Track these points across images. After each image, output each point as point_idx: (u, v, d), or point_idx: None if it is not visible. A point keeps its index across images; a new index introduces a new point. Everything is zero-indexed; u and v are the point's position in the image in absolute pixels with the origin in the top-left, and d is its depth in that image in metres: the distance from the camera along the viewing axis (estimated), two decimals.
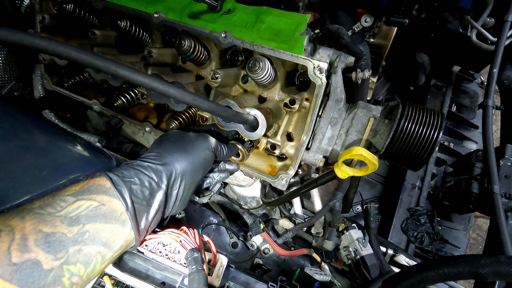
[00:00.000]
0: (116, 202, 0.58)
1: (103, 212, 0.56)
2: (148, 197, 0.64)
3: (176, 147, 0.73)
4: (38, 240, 0.47)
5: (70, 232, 0.51)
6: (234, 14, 0.92)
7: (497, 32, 1.20)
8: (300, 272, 1.08)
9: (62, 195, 0.55)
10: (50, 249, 0.48)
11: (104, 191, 0.58)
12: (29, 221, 0.49)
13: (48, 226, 0.49)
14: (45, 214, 0.50)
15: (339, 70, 0.86)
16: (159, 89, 0.57)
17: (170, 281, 0.86)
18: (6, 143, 0.71)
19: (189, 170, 0.72)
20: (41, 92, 1.18)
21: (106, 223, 0.56)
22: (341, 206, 1.14)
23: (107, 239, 0.56)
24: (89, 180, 0.59)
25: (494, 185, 0.93)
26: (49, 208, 0.52)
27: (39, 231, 0.48)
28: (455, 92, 1.91)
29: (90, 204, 0.55)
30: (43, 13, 1.06)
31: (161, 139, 0.77)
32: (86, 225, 0.53)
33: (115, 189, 0.59)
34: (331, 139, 0.88)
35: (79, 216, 0.53)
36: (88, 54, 0.50)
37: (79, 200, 0.55)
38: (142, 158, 0.70)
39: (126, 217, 0.59)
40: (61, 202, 0.53)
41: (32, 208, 0.51)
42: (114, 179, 0.61)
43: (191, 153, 0.74)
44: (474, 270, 0.50)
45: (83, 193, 0.56)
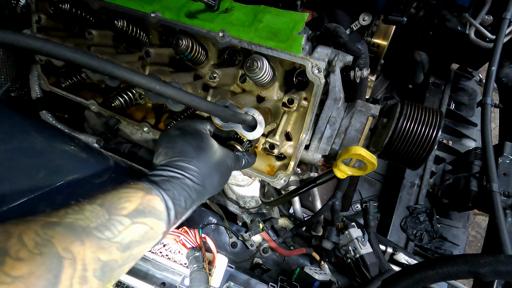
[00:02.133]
0: (162, 225, 0.60)
1: (149, 236, 0.58)
2: (184, 215, 0.67)
3: (214, 167, 0.71)
4: (96, 271, 0.49)
5: (121, 258, 0.53)
6: (231, 13, 0.91)
7: (495, 29, 1.20)
8: (299, 272, 1.08)
9: (118, 214, 0.54)
10: (103, 277, 0.50)
11: (157, 215, 0.59)
12: (89, 248, 0.49)
13: (105, 254, 0.50)
14: (103, 239, 0.51)
15: (338, 69, 0.85)
16: (156, 89, 0.57)
17: (170, 281, 0.86)
18: (3, 145, 0.71)
19: (217, 191, 0.75)
20: (38, 93, 1.17)
21: (147, 244, 0.58)
22: (340, 205, 1.14)
23: (140, 255, 0.58)
24: (143, 197, 0.58)
25: (493, 183, 0.93)
26: (107, 232, 0.52)
27: (98, 260, 0.49)
28: (454, 90, 1.91)
29: (142, 229, 0.56)
30: (39, 13, 1.05)
31: (198, 146, 0.71)
32: (133, 249, 0.55)
33: (167, 215, 0.60)
34: (330, 138, 0.88)
35: (132, 242, 0.54)
36: (84, 55, 0.50)
37: (134, 224, 0.55)
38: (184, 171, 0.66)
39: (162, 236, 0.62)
40: (118, 225, 0.53)
41: (90, 229, 0.50)
42: (167, 201, 0.61)
43: (223, 175, 0.75)
44: (473, 270, 0.50)
45: (138, 215, 0.56)
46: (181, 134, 0.74)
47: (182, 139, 0.72)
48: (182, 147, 0.70)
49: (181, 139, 0.72)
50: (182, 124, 0.78)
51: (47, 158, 0.76)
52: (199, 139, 0.73)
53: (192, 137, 0.73)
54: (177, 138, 0.73)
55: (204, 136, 0.75)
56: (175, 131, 0.75)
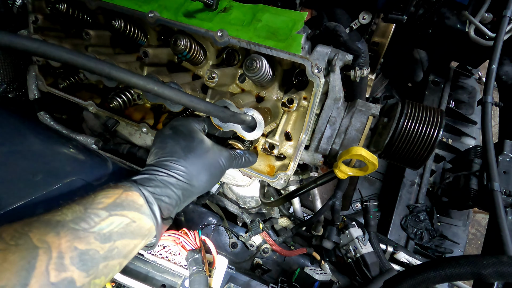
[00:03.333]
0: (146, 220, 0.60)
1: (132, 229, 0.58)
2: (172, 213, 0.67)
3: (202, 165, 0.71)
4: (73, 258, 0.49)
5: (102, 249, 0.53)
6: (230, 12, 0.91)
7: (495, 27, 1.19)
8: (300, 272, 1.08)
9: (95, 208, 0.55)
10: (84, 267, 0.50)
11: (136, 208, 0.59)
12: (64, 238, 0.50)
13: (83, 243, 0.51)
14: (79, 230, 0.51)
15: (337, 68, 0.85)
16: (155, 90, 0.56)
17: (170, 283, 0.85)
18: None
19: (204, 190, 0.75)
20: (35, 94, 1.16)
21: (133, 238, 0.58)
22: (340, 204, 1.13)
23: (128, 252, 0.58)
24: (122, 192, 0.60)
25: (494, 182, 0.92)
26: (83, 223, 0.52)
27: (75, 248, 0.50)
28: (453, 88, 1.90)
29: (122, 221, 0.57)
30: (36, 13, 1.04)
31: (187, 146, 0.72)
32: (116, 242, 0.55)
33: (148, 207, 0.61)
34: (330, 138, 0.87)
35: (111, 233, 0.55)
36: (80, 56, 0.49)
37: (112, 216, 0.56)
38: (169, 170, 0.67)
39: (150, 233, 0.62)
40: (94, 217, 0.54)
41: (65, 222, 0.51)
42: (147, 195, 0.62)
43: (214, 175, 0.74)
44: (476, 271, 0.50)
45: (116, 208, 0.57)
46: (172, 134, 0.75)
47: (172, 139, 0.73)
48: (172, 147, 0.71)
49: (172, 139, 0.73)
50: (176, 123, 0.79)
51: (45, 161, 0.75)
52: (190, 139, 0.74)
53: (183, 137, 0.74)
54: (168, 138, 0.74)
55: (195, 136, 0.76)
56: (168, 130, 0.76)
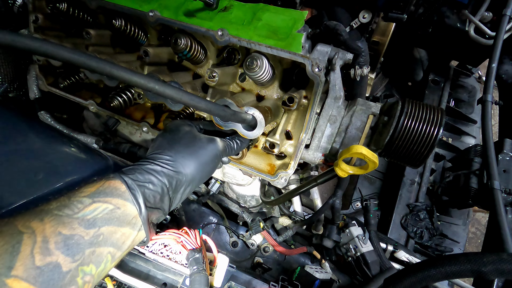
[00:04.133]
0: (130, 207, 0.60)
1: (117, 216, 0.58)
2: (159, 202, 0.66)
3: (188, 153, 0.72)
4: (58, 243, 0.49)
5: (87, 234, 0.53)
6: (230, 11, 0.91)
7: (495, 26, 1.19)
8: (300, 271, 1.08)
9: (78, 196, 0.56)
10: (69, 251, 0.50)
11: (119, 195, 0.59)
12: (48, 223, 0.50)
13: (66, 228, 0.51)
14: (63, 216, 0.52)
15: (338, 67, 0.85)
16: (155, 89, 0.56)
17: (171, 282, 0.86)
18: (0, 147, 0.70)
19: (198, 178, 0.74)
20: (36, 93, 1.17)
21: (119, 226, 0.58)
22: (340, 203, 1.14)
23: (117, 241, 0.58)
24: (104, 182, 0.60)
25: (494, 181, 0.92)
26: (66, 210, 0.53)
27: (59, 233, 0.50)
28: (453, 87, 1.90)
29: (106, 207, 0.57)
30: (36, 12, 1.04)
31: (172, 137, 0.75)
32: (101, 228, 0.55)
33: (130, 193, 0.60)
34: (330, 137, 0.87)
35: (95, 218, 0.55)
36: (81, 55, 0.49)
37: (95, 202, 0.56)
38: (154, 160, 0.68)
39: (137, 221, 0.61)
40: (78, 204, 0.55)
41: (49, 209, 0.52)
42: (129, 183, 0.62)
43: (203, 161, 0.74)
44: (476, 268, 0.50)
45: (99, 195, 0.57)
46: (162, 132, 0.78)
47: (161, 136, 0.76)
48: (159, 143, 0.74)
49: (160, 136, 0.76)
50: (169, 124, 0.81)
51: (46, 160, 0.75)
52: (176, 132, 0.76)
53: (169, 132, 0.76)
54: (158, 136, 0.77)
55: (182, 129, 0.77)
56: (160, 131, 0.80)
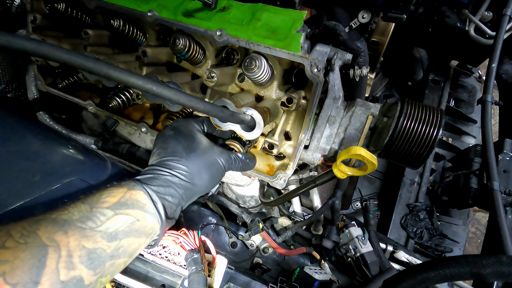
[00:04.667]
0: (150, 218, 0.61)
1: (137, 228, 0.59)
2: (174, 213, 0.68)
3: (204, 165, 0.72)
4: (82, 257, 0.50)
5: (109, 247, 0.54)
6: (229, 11, 0.90)
7: (495, 26, 1.19)
8: (299, 272, 1.08)
9: (100, 207, 0.56)
10: (92, 265, 0.51)
11: (140, 207, 0.60)
12: (72, 236, 0.51)
13: (90, 242, 0.52)
14: (86, 229, 0.52)
15: (337, 67, 0.85)
16: (153, 90, 0.56)
17: (170, 283, 0.85)
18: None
19: (205, 190, 0.75)
20: (35, 94, 1.16)
21: (137, 237, 0.59)
22: (340, 204, 1.13)
23: (133, 251, 0.60)
24: (126, 191, 0.60)
25: (493, 182, 0.92)
26: (89, 222, 0.53)
27: (83, 247, 0.51)
28: (453, 86, 1.90)
29: (127, 220, 0.58)
30: (34, 13, 1.04)
31: (189, 146, 0.73)
32: (122, 241, 0.56)
33: (153, 207, 0.61)
34: (330, 138, 0.87)
35: (117, 232, 0.56)
36: (79, 56, 0.49)
37: (117, 215, 0.57)
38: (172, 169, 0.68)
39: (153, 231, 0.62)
40: (100, 216, 0.55)
41: (72, 221, 0.52)
42: (152, 195, 0.62)
43: (214, 174, 0.75)
44: (475, 271, 0.50)
45: (121, 207, 0.58)
46: (174, 134, 0.76)
47: (174, 139, 0.74)
48: (174, 147, 0.72)
49: (174, 139, 0.74)
50: (177, 124, 0.80)
51: (43, 161, 0.75)
52: (191, 139, 0.75)
53: (184, 137, 0.75)
54: (170, 138, 0.75)
55: (195, 136, 0.77)
56: (169, 131, 0.77)
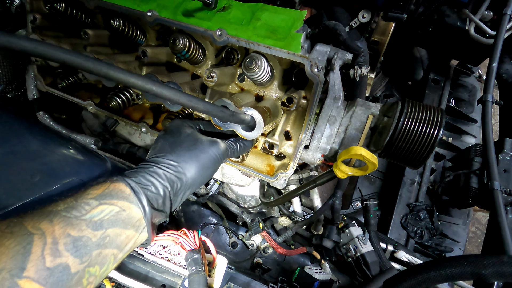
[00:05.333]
0: (135, 209, 0.61)
1: (123, 218, 0.59)
2: (161, 204, 0.67)
3: (190, 156, 0.73)
4: (67, 244, 0.50)
5: (94, 236, 0.54)
6: (229, 11, 0.90)
7: (495, 25, 1.18)
8: (300, 272, 1.08)
9: (84, 198, 0.57)
10: (78, 253, 0.51)
11: (124, 197, 0.60)
12: (57, 225, 0.51)
13: (75, 230, 0.52)
14: (71, 218, 0.53)
15: (337, 67, 0.84)
16: (153, 90, 0.56)
17: (170, 283, 0.85)
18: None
19: (198, 181, 0.75)
20: (34, 94, 1.16)
21: (124, 228, 0.59)
22: (340, 204, 1.13)
23: (121, 243, 0.59)
24: (109, 184, 0.61)
25: (494, 181, 0.92)
26: (74, 211, 0.54)
27: (68, 235, 0.51)
28: (454, 86, 1.90)
29: (112, 209, 0.58)
30: (34, 12, 1.04)
31: (174, 140, 0.75)
32: (108, 230, 0.56)
33: (135, 196, 0.61)
34: (330, 138, 0.87)
35: (102, 220, 0.56)
36: (78, 56, 0.48)
37: (102, 204, 0.57)
38: (156, 163, 0.69)
39: (140, 223, 0.62)
40: (85, 206, 0.56)
41: (58, 211, 0.53)
42: (133, 185, 0.63)
43: (204, 165, 0.75)
44: (476, 271, 0.49)
45: (105, 197, 0.58)
46: (163, 133, 0.78)
47: (163, 138, 0.76)
48: (161, 145, 0.74)
49: (162, 138, 0.76)
50: (169, 125, 0.81)
51: (43, 161, 0.75)
52: (177, 135, 0.76)
53: (171, 135, 0.76)
54: (159, 138, 0.77)
55: (182, 131, 0.78)
56: (161, 132, 0.79)
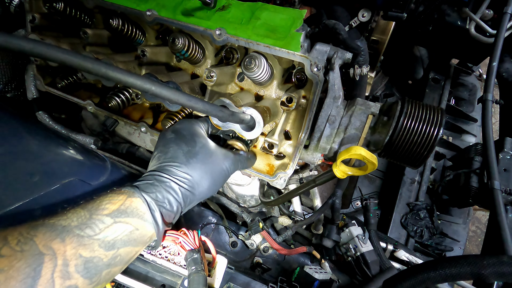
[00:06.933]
0: (148, 227, 0.60)
1: (135, 237, 0.58)
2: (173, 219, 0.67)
3: (205, 171, 0.70)
4: (78, 266, 0.50)
5: (106, 256, 0.53)
6: (228, 10, 0.90)
7: (496, 24, 1.18)
8: (299, 271, 1.08)
9: (99, 213, 0.56)
10: (88, 274, 0.51)
11: (140, 216, 0.59)
12: (69, 244, 0.50)
13: (87, 250, 0.51)
14: (84, 237, 0.52)
15: (337, 66, 0.84)
16: (152, 90, 0.56)
17: (170, 283, 0.85)
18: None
19: (208, 194, 0.74)
20: (34, 93, 1.16)
21: (135, 246, 0.59)
22: (340, 203, 1.13)
23: (130, 259, 0.59)
24: (125, 199, 0.60)
25: (494, 181, 0.92)
26: (88, 230, 0.53)
27: (79, 256, 0.50)
28: (454, 85, 1.89)
29: (126, 229, 0.57)
30: (33, 12, 1.03)
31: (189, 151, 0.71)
32: (119, 250, 0.56)
33: (151, 215, 0.61)
34: (329, 137, 0.87)
35: (115, 240, 0.55)
36: (77, 56, 0.48)
37: (116, 223, 0.56)
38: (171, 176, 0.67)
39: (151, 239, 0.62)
40: (99, 224, 0.55)
41: (70, 228, 0.52)
42: (149, 202, 0.62)
43: (216, 180, 0.73)
44: (476, 271, 0.49)
45: (121, 215, 0.57)
46: (175, 137, 0.73)
47: (175, 144, 0.72)
48: (174, 152, 0.70)
49: (175, 144, 0.72)
50: (179, 127, 0.77)
51: (42, 161, 0.75)
52: (192, 143, 0.73)
53: (185, 141, 0.72)
54: (171, 142, 0.72)
55: (197, 140, 0.74)
56: (170, 134, 0.75)
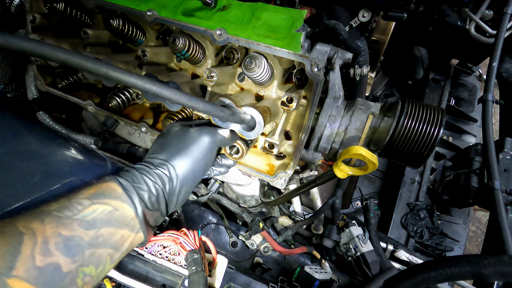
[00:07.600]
0: (128, 208, 0.61)
1: (116, 217, 0.59)
2: (155, 203, 0.67)
3: (179, 152, 0.72)
4: (58, 244, 0.50)
5: (86, 235, 0.54)
6: (229, 10, 0.90)
7: (496, 24, 1.18)
8: (300, 271, 1.08)
9: (77, 198, 0.57)
10: (69, 252, 0.51)
11: (117, 196, 0.60)
12: (48, 224, 0.51)
13: (67, 229, 0.52)
14: (63, 217, 0.52)
15: (337, 66, 0.84)
16: (153, 90, 0.56)
17: (170, 283, 0.85)
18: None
19: (192, 175, 0.74)
20: (34, 93, 1.16)
21: (118, 227, 0.59)
22: (340, 203, 1.13)
23: (116, 242, 0.59)
24: (102, 184, 0.61)
25: (494, 180, 0.92)
26: (66, 211, 0.54)
27: (59, 234, 0.51)
28: (454, 85, 1.89)
29: (105, 209, 0.58)
30: (33, 12, 1.04)
31: (163, 141, 0.75)
32: (100, 229, 0.56)
33: (126, 195, 0.61)
34: (330, 137, 0.87)
35: (95, 220, 0.56)
36: (77, 56, 0.48)
37: (94, 204, 0.57)
38: (147, 163, 0.69)
39: (135, 223, 0.62)
40: (77, 205, 0.55)
41: (50, 211, 0.53)
42: (124, 184, 0.63)
43: (196, 158, 0.74)
44: (477, 271, 0.49)
45: (98, 197, 0.58)
46: (156, 138, 0.78)
47: (155, 142, 0.77)
48: (153, 148, 0.75)
49: (154, 142, 0.77)
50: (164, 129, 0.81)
51: (43, 161, 0.75)
52: (167, 135, 0.77)
53: (162, 137, 0.77)
54: (153, 143, 0.77)
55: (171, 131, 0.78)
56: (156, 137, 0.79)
